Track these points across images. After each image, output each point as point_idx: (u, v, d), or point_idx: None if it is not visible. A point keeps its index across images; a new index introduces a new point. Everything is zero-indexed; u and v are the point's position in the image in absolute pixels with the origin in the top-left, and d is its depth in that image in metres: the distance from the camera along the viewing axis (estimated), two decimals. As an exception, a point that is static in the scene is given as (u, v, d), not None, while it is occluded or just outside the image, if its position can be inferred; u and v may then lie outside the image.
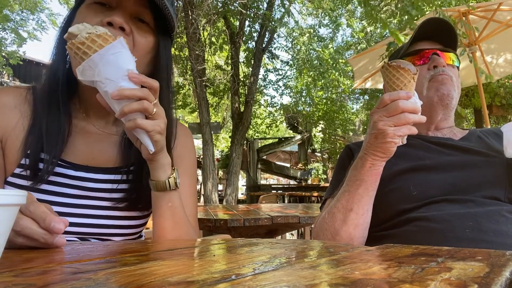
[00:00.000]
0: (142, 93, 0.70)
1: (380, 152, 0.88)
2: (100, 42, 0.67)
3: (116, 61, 0.68)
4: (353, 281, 0.32)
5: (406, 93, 0.84)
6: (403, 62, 0.88)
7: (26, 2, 11.80)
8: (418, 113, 0.84)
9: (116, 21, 0.81)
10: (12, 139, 0.84)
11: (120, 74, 0.69)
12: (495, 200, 0.90)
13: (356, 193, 0.91)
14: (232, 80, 8.77)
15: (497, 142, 1.04)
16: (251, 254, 0.51)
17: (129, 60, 0.70)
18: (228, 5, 8.05)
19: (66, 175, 0.85)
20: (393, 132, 0.84)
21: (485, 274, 0.33)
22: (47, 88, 0.87)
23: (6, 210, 0.39)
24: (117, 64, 0.68)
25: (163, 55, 0.91)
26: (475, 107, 7.56)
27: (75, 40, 0.67)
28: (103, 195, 0.88)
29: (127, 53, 0.70)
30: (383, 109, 0.85)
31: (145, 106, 0.70)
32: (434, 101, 1.06)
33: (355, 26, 11.89)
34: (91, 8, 0.85)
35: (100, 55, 0.67)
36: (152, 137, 0.73)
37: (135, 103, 0.70)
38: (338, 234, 0.91)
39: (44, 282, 0.34)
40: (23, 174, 0.82)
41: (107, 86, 0.68)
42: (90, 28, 0.68)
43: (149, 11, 0.87)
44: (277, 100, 17.42)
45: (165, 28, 0.91)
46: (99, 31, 0.68)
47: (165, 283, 0.33)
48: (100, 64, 0.67)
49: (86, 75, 0.69)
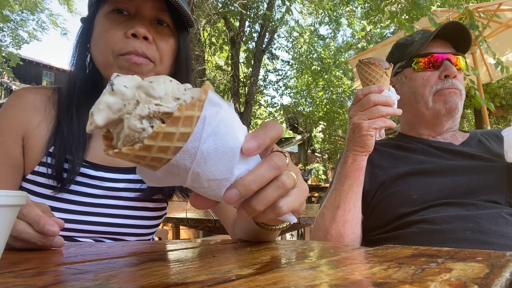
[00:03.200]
0: (271, 172, 0.43)
1: (358, 147, 0.90)
2: (182, 130, 0.36)
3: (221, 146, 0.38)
4: (353, 282, 0.32)
5: (377, 87, 0.86)
6: (374, 58, 0.90)
7: (26, 3, 11.81)
8: (392, 105, 0.86)
9: (140, 32, 0.82)
10: (34, 138, 0.86)
11: (231, 163, 0.40)
12: (495, 204, 0.90)
13: (341, 190, 0.92)
14: (232, 81, 8.78)
15: (497, 145, 1.04)
16: (251, 255, 0.51)
17: (237, 130, 0.40)
18: (228, 5, 8.06)
19: (86, 175, 0.86)
20: (368, 125, 0.86)
21: (485, 275, 0.33)
22: (68, 93, 0.88)
23: (6, 210, 0.39)
24: (223, 151, 0.39)
25: (183, 51, 0.93)
26: (475, 107, 7.56)
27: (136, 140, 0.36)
28: (122, 194, 0.89)
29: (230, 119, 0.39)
30: (357, 104, 0.88)
31: (285, 186, 0.44)
32: (441, 114, 1.06)
33: (356, 24, 11.90)
34: (110, 18, 0.85)
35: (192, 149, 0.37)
36: (297, 212, 0.51)
37: (268, 192, 0.43)
38: (329, 233, 0.91)
39: (44, 283, 0.34)
40: (44, 173, 0.83)
41: (215, 190, 0.41)
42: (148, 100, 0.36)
43: (167, 13, 0.88)
44: (277, 101, 17.44)
45: (183, 26, 0.92)
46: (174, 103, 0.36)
47: (165, 284, 0.33)
48: (195, 164, 0.38)
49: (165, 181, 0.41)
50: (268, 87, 12.93)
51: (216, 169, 0.39)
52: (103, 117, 0.36)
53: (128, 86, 0.36)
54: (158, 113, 0.36)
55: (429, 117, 1.08)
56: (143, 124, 0.35)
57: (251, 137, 0.41)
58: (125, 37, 0.83)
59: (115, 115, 0.36)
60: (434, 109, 1.06)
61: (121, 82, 0.36)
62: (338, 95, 12.52)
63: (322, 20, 11.57)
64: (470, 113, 9.16)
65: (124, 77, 0.37)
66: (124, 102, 0.36)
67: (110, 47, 0.83)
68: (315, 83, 12.08)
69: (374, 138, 0.89)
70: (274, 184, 0.44)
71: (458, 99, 1.06)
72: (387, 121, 0.87)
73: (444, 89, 1.05)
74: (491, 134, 1.11)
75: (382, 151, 1.08)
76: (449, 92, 1.05)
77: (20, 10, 11.85)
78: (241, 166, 0.41)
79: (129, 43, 0.83)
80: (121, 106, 0.36)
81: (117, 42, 0.83)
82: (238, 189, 0.41)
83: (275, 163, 0.43)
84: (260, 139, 0.42)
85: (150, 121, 0.36)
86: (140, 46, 0.83)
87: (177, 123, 0.35)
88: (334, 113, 12.38)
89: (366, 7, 8.82)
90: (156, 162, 0.37)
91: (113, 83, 0.36)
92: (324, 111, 12.45)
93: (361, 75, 0.91)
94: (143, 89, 0.36)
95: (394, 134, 1.26)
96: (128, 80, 0.37)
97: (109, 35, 0.83)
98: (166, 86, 0.36)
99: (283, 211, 0.45)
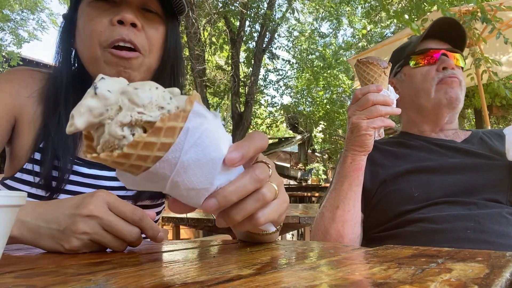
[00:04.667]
0: (252, 185, 0.43)
1: (357, 146, 0.90)
2: (163, 140, 0.35)
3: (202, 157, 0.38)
4: (353, 282, 0.32)
5: (376, 86, 0.86)
6: (372, 58, 0.90)
7: (26, 2, 11.81)
8: (391, 105, 0.86)
9: (127, 18, 0.76)
10: (28, 125, 0.81)
11: (212, 174, 0.39)
12: (496, 202, 0.90)
13: (341, 190, 0.92)
14: (233, 80, 8.77)
15: (499, 144, 1.04)
16: (251, 255, 0.51)
17: (221, 140, 0.39)
18: (228, 5, 8.06)
19: (80, 173, 0.82)
20: (367, 124, 0.86)
21: (485, 275, 0.33)
22: (55, 90, 0.83)
23: (6, 211, 0.39)
24: (205, 161, 0.38)
25: (172, 39, 0.88)
26: (475, 107, 7.55)
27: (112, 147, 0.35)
28: (117, 193, 0.85)
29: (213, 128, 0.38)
30: (356, 104, 0.88)
31: (265, 199, 0.44)
32: (443, 104, 1.06)
33: (357, 22, 11.89)
34: (94, 6, 0.79)
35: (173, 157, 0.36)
36: (276, 222, 0.53)
37: (248, 204, 0.43)
38: (328, 233, 0.91)
39: (44, 283, 0.34)
40: (37, 172, 0.79)
41: (193, 199, 0.41)
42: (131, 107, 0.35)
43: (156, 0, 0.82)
44: (277, 100, 17.46)
45: (172, 12, 0.87)
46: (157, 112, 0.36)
47: (164, 284, 0.33)
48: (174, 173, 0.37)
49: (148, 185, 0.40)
50: (268, 87, 12.94)
51: (196, 179, 0.38)
52: (84, 120, 0.35)
53: (112, 91, 0.35)
54: (141, 121, 0.35)
55: (430, 109, 1.08)
56: (124, 132, 0.35)
57: (234, 148, 0.40)
58: (111, 25, 0.77)
59: (96, 119, 0.35)
60: (435, 99, 1.06)
61: (105, 86, 0.35)
62: (338, 94, 12.52)
63: (324, 18, 11.56)
64: (470, 113, 9.16)
65: (110, 79, 0.36)
66: (106, 107, 0.35)
67: (96, 37, 0.77)
68: (315, 83, 12.08)
69: (373, 137, 0.89)
70: (254, 196, 0.43)
71: (459, 89, 1.06)
72: (386, 120, 0.87)
73: (446, 78, 1.06)
74: (493, 133, 1.11)
75: (383, 149, 1.08)
76: (451, 81, 1.05)
77: (20, 9, 11.85)
78: (222, 177, 0.41)
79: (115, 30, 0.76)
80: (103, 111, 0.35)
81: (103, 32, 0.77)
82: (217, 199, 0.41)
83: (257, 175, 0.42)
84: (244, 150, 0.41)
85: (131, 129, 0.35)
86: (128, 34, 0.77)
87: (159, 133, 0.34)
88: (334, 113, 12.38)
89: (367, 6, 8.83)
90: (134, 169, 0.37)
91: (96, 87, 0.35)
92: (325, 111, 12.45)
93: (360, 74, 0.92)
94: (127, 95, 0.35)
95: (395, 134, 1.26)
96: (113, 84, 0.36)
97: (93, 24, 0.77)
98: (151, 94, 0.35)
99: (260, 222, 0.45)
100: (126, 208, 0.56)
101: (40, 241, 0.55)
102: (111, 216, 0.54)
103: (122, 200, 0.57)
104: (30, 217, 0.55)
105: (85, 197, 0.55)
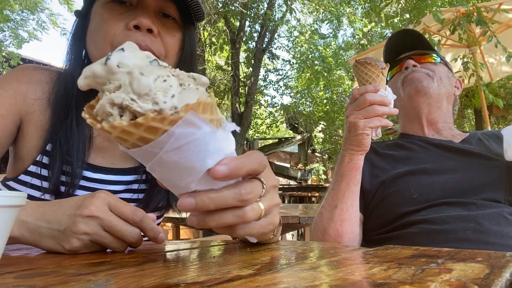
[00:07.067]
0: (234, 201, 0.41)
1: (355, 145, 0.91)
2: (143, 134, 0.35)
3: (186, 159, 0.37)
4: (353, 282, 0.32)
5: (373, 86, 0.87)
6: (370, 58, 0.91)
7: (26, 2, 11.81)
8: (388, 105, 0.87)
9: (144, 24, 0.73)
10: (34, 126, 0.80)
11: (191, 178, 0.39)
12: (495, 202, 0.90)
13: (338, 189, 0.93)
14: (233, 81, 8.77)
15: (497, 145, 1.04)
16: (251, 255, 0.51)
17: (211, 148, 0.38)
18: (228, 5, 8.06)
19: (85, 177, 0.81)
20: (364, 124, 0.87)
21: (485, 275, 0.33)
22: (65, 94, 0.81)
23: (6, 211, 0.39)
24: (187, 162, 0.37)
25: (188, 47, 0.85)
26: (475, 107, 7.55)
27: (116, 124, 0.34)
28: (121, 196, 0.85)
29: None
30: (354, 104, 0.89)
31: (245, 219, 0.43)
32: (411, 94, 1.11)
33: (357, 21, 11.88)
34: (109, 8, 0.76)
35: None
36: (257, 238, 0.54)
37: (226, 216, 0.42)
38: (327, 232, 0.92)
39: (44, 284, 0.34)
40: (45, 176, 0.78)
41: (172, 189, 0.43)
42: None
43: (174, 5, 0.80)
44: (277, 100, 17.47)
45: (190, 20, 0.84)
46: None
47: (165, 285, 0.33)
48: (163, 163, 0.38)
49: None
50: (268, 87, 12.94)
51: (175, 175, 0.39)
52: (86, 83, 0.37)
53: (122, 65, 0.35)
54: (130, 108, 0.34)
55: (408, 106, 1.14)
56: (112, 110, 0.35)
57: (225, 163, 0.38)
58: (127, 29, 0.74)
59: (98, 86, 0.36)
60: (406, 95, 1.13)
61: (118, 58, 0.35)
62: (338, 95, 12.52)
63: (324, 18, 11.56)
64: (470, 113, 9.16)
65: (128, 53, 0.36)
66: (109, 79, 0.35)
67: (109, 40, 0.75)
68: (316, 83, 12.08)
69: (370, 137, 0.89)
70: (234, 211, 0.42)
71: (422, 77, 1.11)
72: (383, 120, 0.88)
73: (406, 75, 1.13)
74: (491, 134, 1.12)
75: (383, 154, 1.10)
76: (411, 75, 1.12)
77: (20, 9, 11.85)
78: (203, 185, 0.40)
79: (131, 36, 0.74)
80: (105, 81, 0.36)
81: (117, 35, 0.74)
82: (196, 200, 0.40)
83: (241, 194, 0.41)
84: (233, 168, 0.39)
85: (121, 110, 0.35)
86: (144, 39, 0.74)
87: (139, 128, 0.34)
88: (334, 113, 12.37)
89: (367, 7, 8.83)
90: (120, 140, 0.37)
91: (109, 57, 0.35)
92: (325, 111, 12.45)
93: (358, 74, 0.92)
94: (130, 77, 0.34)
95: (395, 135, 1.28)
96: (129, 58, 0.36)
97: (108, 27, 0.75)
98: (154, 85, 0.34)
99: (237, 235, 0.44)
100: (127, 208, 0.56)
101: (40, 241, 0.55)
102: (112, 216, 0.54)
103: (122, 201, 0.57)
104: (31, 218, 0.55)
105: (86, 198, 0.55)
